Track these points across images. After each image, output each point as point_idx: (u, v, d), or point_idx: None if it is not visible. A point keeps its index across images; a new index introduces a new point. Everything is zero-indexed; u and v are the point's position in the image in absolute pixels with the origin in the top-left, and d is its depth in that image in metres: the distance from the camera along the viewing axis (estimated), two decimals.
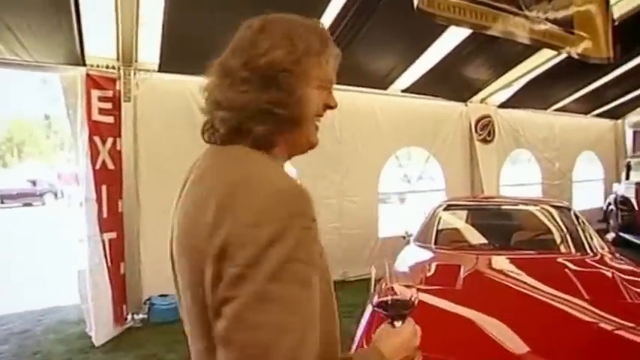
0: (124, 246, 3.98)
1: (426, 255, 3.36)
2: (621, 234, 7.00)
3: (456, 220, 4.15)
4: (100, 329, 3.62)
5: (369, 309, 2.37)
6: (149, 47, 3.94)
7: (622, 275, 2.61)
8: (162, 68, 4.11)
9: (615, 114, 8.99)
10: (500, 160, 7.05)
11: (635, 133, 9.18)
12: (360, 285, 3.51)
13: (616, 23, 4.48)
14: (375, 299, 0.86)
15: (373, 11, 4.09)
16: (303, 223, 0.67)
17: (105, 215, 3.82)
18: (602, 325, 2.12)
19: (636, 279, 2.59)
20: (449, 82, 5.93)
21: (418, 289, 0.88)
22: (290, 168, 0.88)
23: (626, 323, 2.05)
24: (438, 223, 3.81)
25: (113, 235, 3.88)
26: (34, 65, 3.83)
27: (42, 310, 4.53)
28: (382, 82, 5.52)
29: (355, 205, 5.55)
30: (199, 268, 0.68)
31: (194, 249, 0.70)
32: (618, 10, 4.78)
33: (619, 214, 7.31)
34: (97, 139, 3.80)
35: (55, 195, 19.05)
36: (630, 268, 2.86)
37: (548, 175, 7.94)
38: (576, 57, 4.09)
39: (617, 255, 3.17)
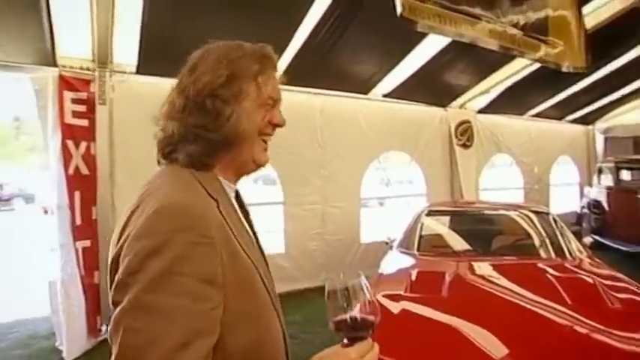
0: (98, 254, 3.82)
1: (408, 262, 3.35)
2: (594, 236, 7.20)
3: (439, 226, 4.17)
4: (72, 343, 3.45)
5: None
6: (126, 48, 3.80)
7: (602, 280, 2.66)
8: (140, 70, 3.98)
9: (587, 120, 9.30)
10: (480, 165, 7.16)
11: (605, 139, 9.53)
12: None
13: (588, 32, 4.61)
14: (334, 318, 0.77)
15: (355, 16, 4.08)
16: (188, 238, 0.70)
17: (78, 222, 3.66)
18: (585, 330, 2.14)
19: (615, 283, 2.64)
20: (429, 87, 5.99)
21: (381, 308, 0.79)
22: None
23: (607, 329, 2.07)
24: (421, 229, 3.81)
25: (87, 243, 3.72)
26: (3, 65, 3.65)
27: (11, 323, 4.29)
28: (364, 87, 5.53)
29: (338, 211, 5.52)
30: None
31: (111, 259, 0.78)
32: (591, 21, 4.93)
33: (592, 218, 7.52)
34: (70, 142, 3.64)
35: (26, 200, 18.30)
36: (609, 272, 2.91)
37: (528, 179, 8.11)
38: (549, 65, 4.18)
39: (596, 260, 3.23)
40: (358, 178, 5.80)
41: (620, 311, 2.30)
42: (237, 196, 0.96)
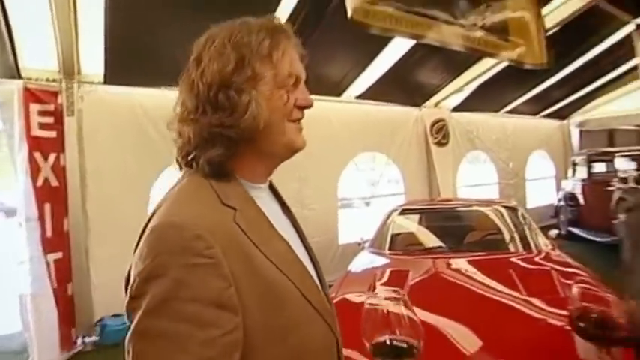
0: (71, 266, 3.79)
1: (379, 261, 3.38)
2: (570, 229, 7.35)
3: (410, 224, 4.22)
4: (44, 356, 3.42)
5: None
6: (93, 58, 3.79)
7: (560, 268, 2.76)
8: (108, 80, 3.96)
9: (562, 114, 9.50)
10: (457, 162, 7.27)
11: (580, 132, 9.75)
12: None
13: (549, 33, 4.74)
14: (372, 340, 0.70)
15: (322, 16, 4.10)
16: (185, 260, 0.64)
17: (49, 235, 3.63)
18: (537, 317, 2.22)
19: (571, 270, 2.76)
20: (402, 87, 6.06)
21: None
22: None
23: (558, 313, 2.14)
24: (392, 228, 3.86)
25: (59, 255, 3.69)
26: None
27: None
28: (336, 89, 5.57)
29: (314, 213, 5.54)
30: None
31: None
32: (551, 20, 5.05)
33: (567, 210, 7.68)
34: (37, 155, 3.61)
35: (7, 213, 17.94)
36: (568, 262, 3.02)
37: (504, 174, 8.26)
38: (511, 63, 4.30)
39: (557, 252, 3.32)
40: (334, 179, 5.85)
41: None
42: (273, 192, 0.90)
